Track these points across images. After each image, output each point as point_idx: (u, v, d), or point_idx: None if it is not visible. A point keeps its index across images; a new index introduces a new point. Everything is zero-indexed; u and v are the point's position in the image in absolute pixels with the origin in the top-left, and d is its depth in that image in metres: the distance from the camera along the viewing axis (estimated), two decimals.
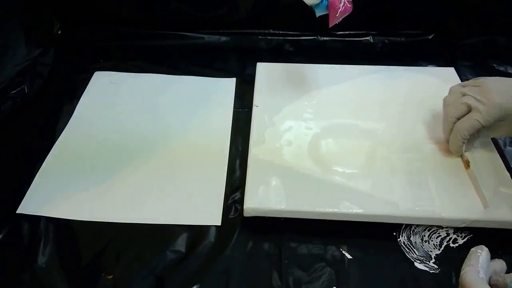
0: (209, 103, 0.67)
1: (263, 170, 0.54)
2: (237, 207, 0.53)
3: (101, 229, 0.51)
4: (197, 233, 0.51)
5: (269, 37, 0.79)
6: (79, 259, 0.48)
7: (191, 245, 0.50)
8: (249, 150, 0.57)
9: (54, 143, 0.61)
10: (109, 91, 0.70)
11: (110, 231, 0.51)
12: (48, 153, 0.59)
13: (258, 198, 0.50)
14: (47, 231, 0.51)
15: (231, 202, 0.54)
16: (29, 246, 0.50)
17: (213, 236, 0.50)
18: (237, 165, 0.58)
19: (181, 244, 0.50)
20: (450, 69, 0.70)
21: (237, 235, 0.50)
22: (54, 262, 0.48)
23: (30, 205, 0.53)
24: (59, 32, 0.80)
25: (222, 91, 0.70)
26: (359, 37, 0.79)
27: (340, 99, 0.64)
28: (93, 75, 0.72)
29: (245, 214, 0.50)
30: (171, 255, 0.49)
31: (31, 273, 0.47)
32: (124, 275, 0.47)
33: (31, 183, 0.55)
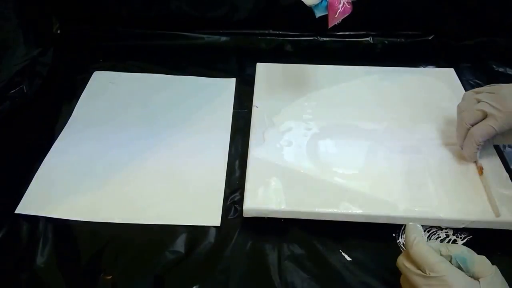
0: (208, 103, 0.67)
1: (262, 170, 0.54)
2: (236, 207, 0.53)
3: (100, 229, 0.51)
4: (196, 233, 0.51)
5: (269, 38, 0.79)
6: (78, 259, 0.48)
7: (191, 246, 0.49)
8: (248, 150, 0.56)
9: (53, 143, 0.61)
10: (108, 91, 0.69)
11: (109, 231, 0.51)
12: (47, 153, 0.59)
13: (257, 198, 0.50)
14: (46, 231, 0.51)
15: (230, 202, 0.54)
16: (27, 246, 0.49)
17: (212, 236, 0.50)
18: (237, 165, 0.58)
19: (180, 244, 0.50)
20: (449, 70, 0.70)
21: (237, 236, 0.50)
22: (53, 262, 0.48)
23: (29, 205, 0.53)
24: (58, 31, 0.80)
25: (221, 91, 0.69)
26: (358, 37, 0.79)
27: (339, 99, 0.64)
28: (92, 75, 0.72)
29: (244, 214, 0.50)
30: (170, 256, 0.48)
31: (30, 273, 0.47)
32: (123, 276, 0.47)
33: (29, 183, 0.55)
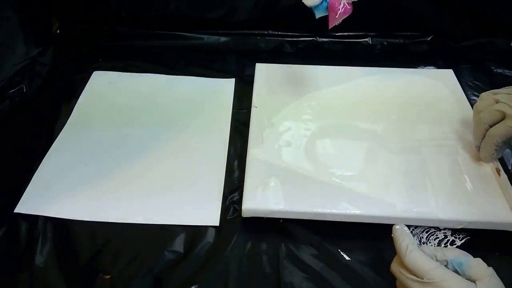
0: (208, 103, 0.67)
1: (261, 171, 0.54)
2: (235, 207, 0.53)
3: (99, 229, 0.51)
4: (195, 233, 0.51)
5: (268, 38, 0.80)
6: (77, 259, 0.48)
7: (189, 246, 0.50)
8: (247, 150, 0.57)
9: (52, 143, 0.61)
10: (108, 91, 0.70)
11: (108, 231, 0.51)
12: (46, 152, 0.59)
13: (256, 199, 0.50)
14: (45, 230, 0.51)
15: (229, 202, 0.54)
16: (27, 245, 0.49)
17: (211, 236, 0.50)
18: (236, 165, 0.58)
19: (179, 244, 0.50)
20: (448, 71, 0.70)
21: (236, 236, 0.50)
22: (52, 262, 0.48)
23: (28, 205, 0.53)
24: (58, 31, 0.80)
25: (221, 91, 0.70)
26: (358, 38, 0.79)
27: (338, 100, 0.64)
28: (92, 75, 0.72)
29: (243, 214, 0.50)
30: (169, 256, 0.49)
31: (29, 272, 0.47)
32: (122, 275, 0.47)
33: (29, 183, 0.55)
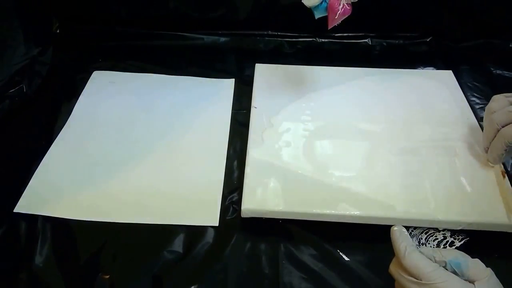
0: (207, 103, 0.67)
1: (261, 171, 0.54)
2: (235, 208, 0.53)
3: (98, 228, 0.51)
4: (194, 233, 0.51)
5: (268, 38, 0.80)
6: (76, 258, 0.48)
7: (189, 246, 0.50)
8: (247, 151, 0.57)
9: (52, 142, 0.61)
10: (108, 91, 0.69)
11: (107, 231, 0.51)
12: (46, 152, 0.59)
13: (256, 199, 0.51)
14: (45, 230, 0.51)
15: (229, 203, 0.54)
16: (26, 245, 0.49)
17: (210, 237, 0.51)
18: (235, 166, 0.58)
19: (178, 244, 0.50)
20: (448, 72, 0.70)
21: (235, 236, 0.50)
22: (51, 261, 0.48)
23: (27, 204, 0.53)
24: (58, 31, 0.80)
25: (220, 91, 0.70)
26: (357, 39, 0.79)
27: (338, 101, 0.64)
28: (92, 75, 0.72)
29: (242, 215, 0.50)
30: (168, 256, 0.49)
31: (28, 272, 0.47)
32: (121, 275, 0.47)
33: (28, 182, 0.55)
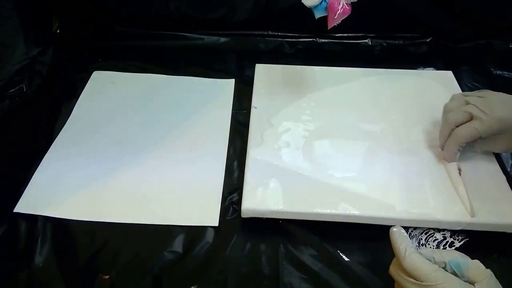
0: (207, 103, 0.67)
1: (261, 171, 0.54)
2: (235, 208, 0.53)
3: (98, 229, 0.51)
4: (194, 234, 0.51)
5: (268, 39, 0.80)
6: (76, 259, 0.48)
7: (189, 246, 0.50)
8: (247, 151, 0.57)
9: (52, 142, 0.61)
10: (108, 91, 0.70)
11: (107, 231, 0.51)
12: (46, 152, 0.59)
13: (256, 199, 0.51)
14: (45, 230, 0.51)
15: (228, 203, 0.54)
16: (26, 245, 0.49)
17: (210, 237, 0.51)
18: (235, 166, 0.58)
19: (178, 244, 0.50)
20: (448, 72, 0.70)
21: (235, 236, 0.50)
22: (51, 261, 0.48)
23: (27, 204, 0.53)
24: (58, 31, 0.80)
25: (220, 92, 0.70)
26: (357, 39, 0.79)
27: (338, 101, 0.64)
28: (92, 75, 0.72)
29: (242, 215, 0.50)
30: (168, 256, 0.49)
31: (28, 272, 0.47)
32: (121, 275, 0.47)
33: (28, 182, 0.55)
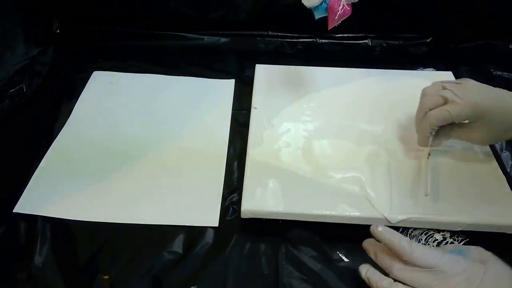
0: (207, 104, 0.67)
1: (261, 171, 0.54)
2: (234, 208, 0.53)
3: (98, 229, 0.51)
4: (194, 234, 0.51)
5: (268, 39, 0.80)
6: (76, 259, 0.48)
7: (188, 246, 0.50)
8: (247, 151, 0.57)
9: (52, 143, 0.61)
10: (108, 91, 0.70)
11: (107, 231, 0.51)
12: (45, 152, 0.59)
13: (255, 200, 0.50)
14: (44, 230, 0.51)
15: (228, 203, 0.54)
16: (25, 245, 0.49)
17: (210, 237, 0.51)
18: (235, 166, 0.58)
19: (178, 245, 0.50)
20: (448, 73, 0.70)
21: (235, 237, 0.50)
22: (50, 262, 0.48)
23: (27, 205, 0.53)
24: (58, 31, 0.80)
25: (220, 92, 0.70)
26: (357, 40, 0.79)
27: (338, 102, 0.64)
28: (92, 75, 0.72)
29: (242, 215, 0.50)
30: (168, 256, 0.49)
31: (27, 272, 0.47)
32: (120, 276, 0.47)
33: (28, 182, 0.55)
